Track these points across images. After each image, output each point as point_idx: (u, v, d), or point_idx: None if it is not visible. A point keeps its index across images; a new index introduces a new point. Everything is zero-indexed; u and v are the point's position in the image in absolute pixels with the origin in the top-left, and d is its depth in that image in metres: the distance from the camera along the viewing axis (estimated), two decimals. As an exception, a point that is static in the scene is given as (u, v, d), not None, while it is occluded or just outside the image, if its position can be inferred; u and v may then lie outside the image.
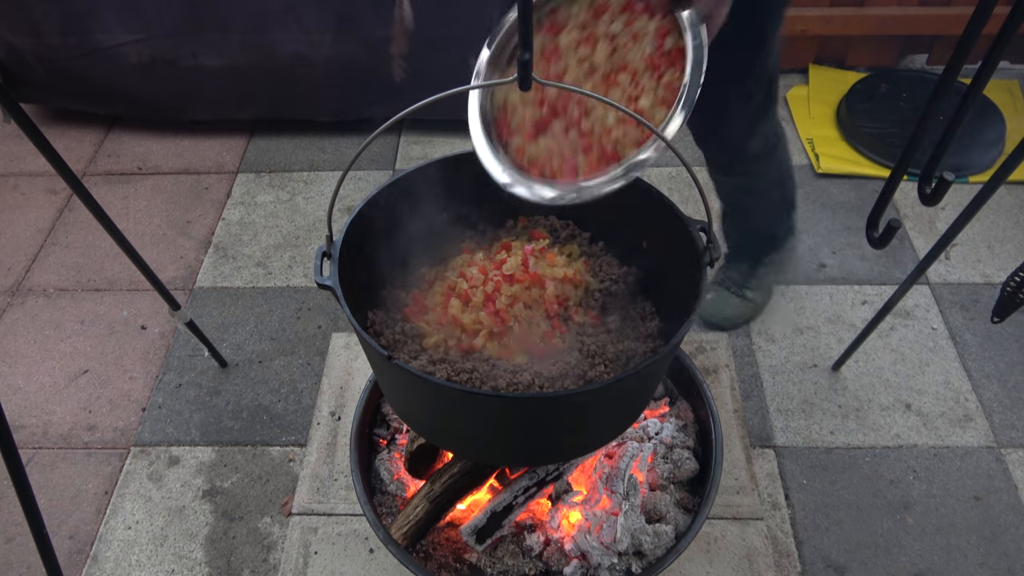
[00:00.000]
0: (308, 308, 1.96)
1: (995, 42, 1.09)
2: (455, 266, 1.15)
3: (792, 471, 1.61)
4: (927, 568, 1.47)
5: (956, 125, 1.19)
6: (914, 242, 2.08)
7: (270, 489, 1.61)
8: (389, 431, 1.48)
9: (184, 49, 2.20)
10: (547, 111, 0.93)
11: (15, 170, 2.38)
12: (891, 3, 2.43)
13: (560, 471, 1.32)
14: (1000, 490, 1.57)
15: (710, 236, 0.96)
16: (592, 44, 0.91)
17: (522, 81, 0.75)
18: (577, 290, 1.13)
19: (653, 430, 1.43)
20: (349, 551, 1.50)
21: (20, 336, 1.92)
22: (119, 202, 2.27)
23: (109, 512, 1.58)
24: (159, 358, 1.86)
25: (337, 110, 2.39)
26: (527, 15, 0.69)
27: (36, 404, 1.78)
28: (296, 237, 2.15)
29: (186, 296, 2.01)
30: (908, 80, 2.50)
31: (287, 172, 2.36)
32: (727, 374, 1.75)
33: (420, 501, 1.28)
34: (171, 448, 1.69)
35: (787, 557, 1.48)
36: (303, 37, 2.17)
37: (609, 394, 0.92)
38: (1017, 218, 2.13)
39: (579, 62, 0.92)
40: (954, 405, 1.71)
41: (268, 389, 1.79)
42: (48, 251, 2.14)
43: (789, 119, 2.48)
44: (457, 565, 1.31)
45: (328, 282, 0.95)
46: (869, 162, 2.29)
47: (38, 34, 2.18)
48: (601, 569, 1.28)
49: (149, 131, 2.49)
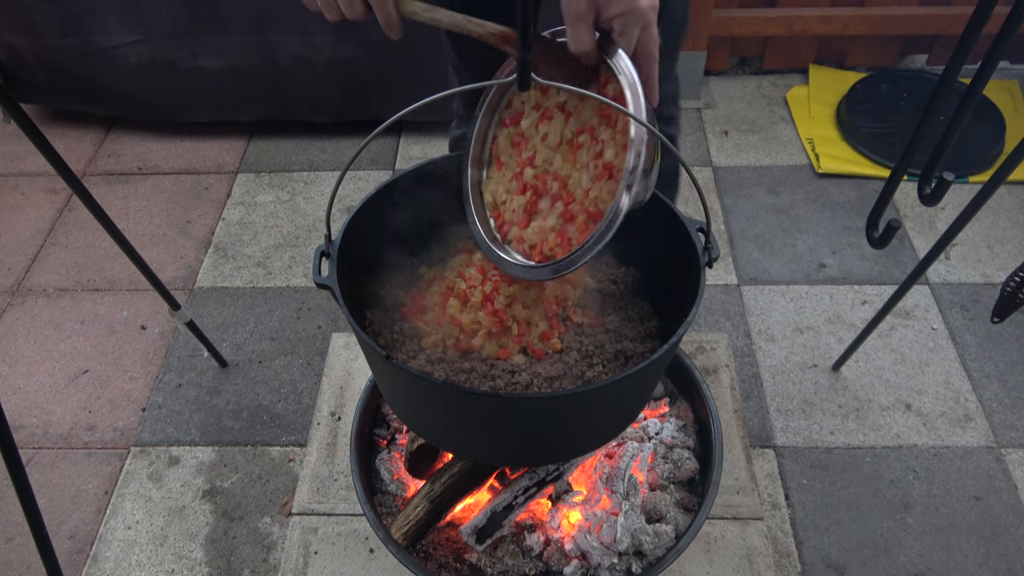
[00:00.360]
0: (308, 308, 1.97)
1: (995, 42, 1.09)
2: (453, 266, 1.15)
3: (792, 471, 1.61)
4: (927, 568, 1.47)
5: (956, 125, 1.20)
6: (914, 242, 2.08)
7: (270, 489, 1.61)
8: (389, 431, 1.48)
9: (184, 50, 2.21)
10: (530, 193, 0.97)
11: (15, 170, 2.38)
12: (891, 3, 2.43)
13: (560, 471, 1.32)
14: (1000, 490, 1.57)
15: (709, 236, 0.97)
16: (548, 118, 0.95)
17: (521, 81, 0.75)
18: (576, 290, 1.13)
19: (653, 430, 1.43)
20: (349, 551, 1.50)
21: (20, 336, 1.92)
22: (119, 202, 2.27)
23: (109, 512, 1.58)
24: (159, 358, 1.86)
25: (337, 111, 2.39)
26: (527, 15, 0.69)
27: (36, 404, 1.78)
28: (296, 237, 2.15)
29: (186, 296, 2.01)
30: (908, 80, 2.50)
31: (287, 172, 2.36)
32: (727, 374, 1.75)
33: (420, 501, 1.28)
34: (171, 448, 1.69)
35: (787, 557, 1.48)
36: (303, 39, 2.17)
37: (608, 394, 0.92)
38: (1017, 218, 2.13)
39: (542, 139, 0.95)
40: (954, 405, 1.71)
41: (268, 389, 1.79)
42: (48, 251, 2.14)
43: (789, 119, 2.48)
44: (457, 565, 1.31)
45: (327, 282, 0.94)
46: (869, 162, 2.29)
47: (38, 35, 2.18)
48: (601, 569, 1.28)
49: (149, 131, 2.49)
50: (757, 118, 2.50)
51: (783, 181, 2.27)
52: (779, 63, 2.64)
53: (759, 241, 2.10)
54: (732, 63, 2.69)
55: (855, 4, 2.44)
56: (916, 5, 2.43)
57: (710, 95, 2.59)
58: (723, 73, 2.67)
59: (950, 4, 2.43)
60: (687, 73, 2.52)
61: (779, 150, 2.38)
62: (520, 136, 0.98)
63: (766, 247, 2.08)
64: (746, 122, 2.49)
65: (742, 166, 2.33)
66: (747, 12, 2.47)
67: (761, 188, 2.25)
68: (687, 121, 2.50)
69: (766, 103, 2.56)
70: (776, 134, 2.43)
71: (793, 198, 2.22)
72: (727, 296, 1.96)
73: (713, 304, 1.94)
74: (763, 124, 2.47)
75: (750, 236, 2.11)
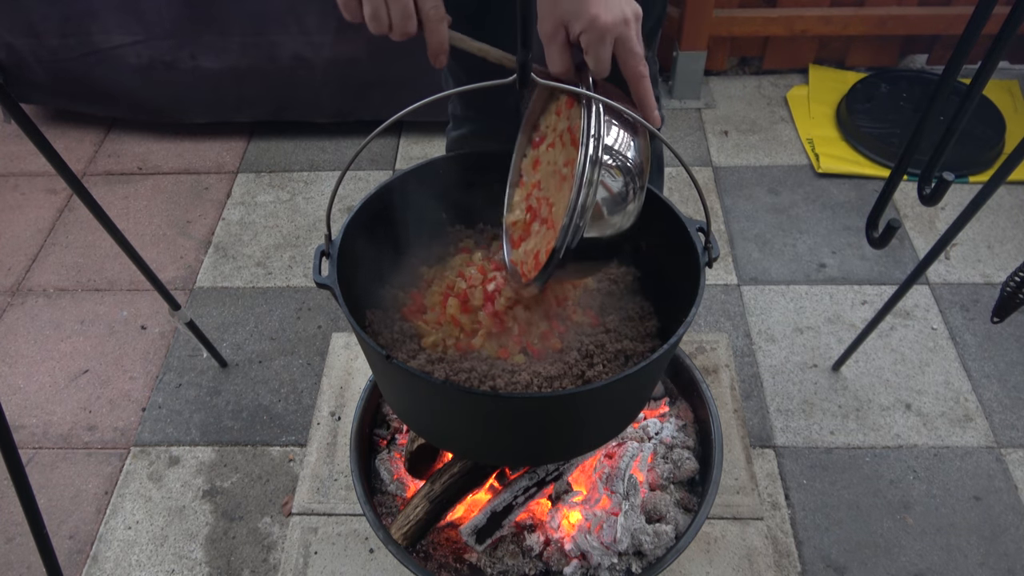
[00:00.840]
0: (308, 308, 1.97)
1: (995, 42, 1.09)
2: (453, 265, 1.15)
3: (792, 471, 1.61)
4: (927, 568, 1.47)
5: (956, 125, 1.19)
6: (914, 242, 2.08)
7: (270, 489, 1.61)
8: (389, 431, 1.48)
9: (183, 51, 2.20)
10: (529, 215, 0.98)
11: (15, 170, 2.38)
12: (891, 3, 2.43)
13: (560, 471, 1.32)
14: (1000, 490, 1.57)
15: (709, 236, 0.97)
16: (553, 145, 0.95)
17: (521, 81, 0.75)
18: (576, 290, 1.13)
19: (653, 430, 1.43)
20: (349, 551, 1.50)
21: (20, 336, 1.92)
22: (119, 202, 2.27)
23: (109, 512, 1.58)
24: (159, 358, 1.86)
25: (337, 111, 2.39)
26: (527, 15, 0.69)
27: (36, 404, 1.78)
28: (296, 237, 2.15)
29: (186, 296, 2.01)
30: (908, 80, 2.50)
31: (287, 172, 2.36)
32: (727, 374, 1.75)
33: (420, 501, 1.28)
34: (171, 448, 1.69)
35: (787, 557, 1.48)
36: (303, 39, 2.17)
37: (608, 394, 0.92)
38: (1017, 218, 2.13)
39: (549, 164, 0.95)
40: (954, 405, 1.71)
41: (268, 389, 1.79)
42: (48, 251, 2.14)
43: (789, 119, 2.48)
44: (457, 565, 1.31)
45: (327, 281, 0.94)
46: (869, 162, 2.29)
47: (37, 35, 2.18)
48: (601, 569, 1.28)
49: (149, 131, 2.49)
50: (757, 118, 2.50)
51: (783, 181, 2.27)
52: (779, 63, 2.64)
53: (759, 241, 2.10)
54: (732, 63, 2.69)
55: (855, 4, 2.44)
56: (916, 5, 2.43)
57: (710, 95, 2.59)
58: (723, 73, 2.67)
59: (950, 4, 2.43)
60: (687, 73, 2.52)
61: (779, 150, 2.38)
62: (536, 159, 0.98)
63: (766, 247, 2.08)
64: (746, 122, 2.49)
65: (742, 166, 2.33)
66: (747, 12, 2.47)
67: (761, 188, 2.25)
68: (687, 121, 2.50)
69: (766, 103, 2.56)
70: (776, 134, 2.44)
71: (793, 198, 2.22)
72: (727, 296, 1.96)
73: (713, 304, 1.94)
74: (763, 124, 2.48)
75: (750, 236, 2.11)
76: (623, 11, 0.78)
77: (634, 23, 0.80)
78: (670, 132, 2.46)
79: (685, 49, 2.47)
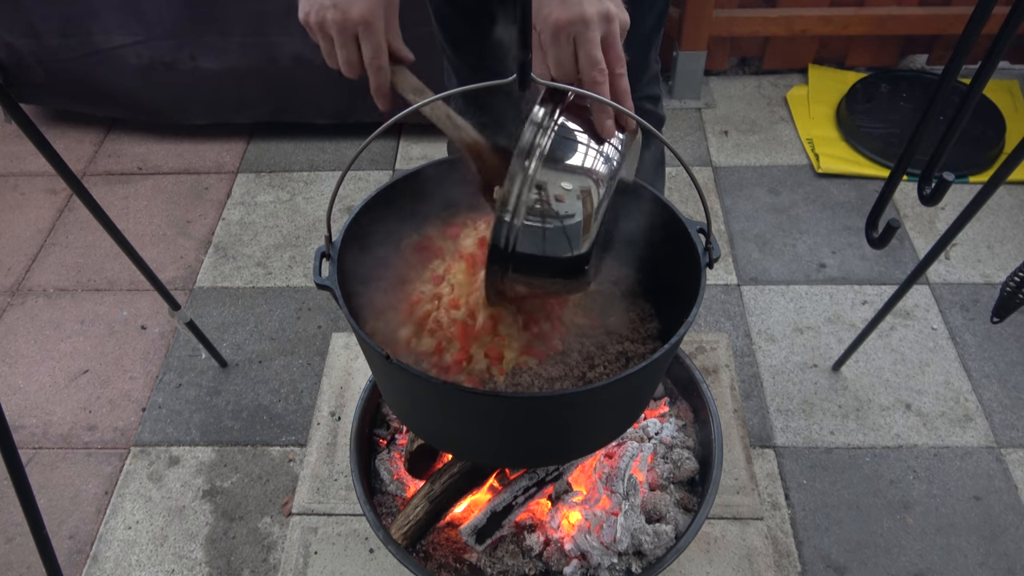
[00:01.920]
0: (308, 308, 1.97)
1: (995, 42, 1.09)
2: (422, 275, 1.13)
3: (792, 471, 1.61)
4: (927, 568, 1.47)
5: (956, 125, 1.19)
6: (914, 242, 2.08)
7: (270, 489, 1.61)
8: (389, 431, 1.48)
9: (183, 51, 2.20)
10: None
11: (15, 170, 2.38)
12: (891, 3, 2.43)
13: (560, 471, 1.32)
14: (1000, 490, 1.57)
15: (709, 237, 0.97)
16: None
17: (521, 81, 0.75)
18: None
19: (653, 430, 1.43)
20: (349, 551, 1.50)
21: (20, 336, 1.92)
22: (119, 202, 2.27)
23: (109, 512, 1.58)
24: (159, 358, 1.86)
25: (337, 112, 2.38)
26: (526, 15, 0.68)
27: (36, 404, 1.78)
28: (296, 237, 2.15)
29: (186, 296, 2.01)
30: (908, 80, 2.50)
31: (287, 172, 2.36)
32: (727, 374, 1.75)
33: (420, 501, 1.28)
34: (171, 448, 1.69)
35: (787, 557, 1.48)
36: (303, 39, 2.15)
37: (608, 395, 0.92)
38: (1017, 218, 2.13)
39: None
40: (954, 405, 1.71)
41: (268, 389, 1.79)
42: (48, 251, 2.14)
43: (789, 119, 2.48)
44: (457, 565, 1.31)
45: (327, 282, 0.94)
46: (869, 162, 2.29)
47: (37, 35, 2.18)
48: (601, 569, 1.28)
49: (149, 131, 2.49)
50: (757, 118, 2.50)
51: (783, 181, 2.27)
52: (779, 63, 2.64)
53: (759, 241, 2.10)
54: (732, 63, 2.69)
55: (855, 4, 2.44)
56: (916, 5, 2.43)
57: (710, 95, 2.59)
58: (723, 73, 2.67)
59: (950, 4, 2.43)
60: (687, 73, 2.52)
61: (779, 150, 2.38)
62: None
63: (766, 247, 2.08)
64: (746, 122, 2.49)
65: (742, 166, 2.33)
66: (747, 12, 2.46)
67: (761, 188, 2.25)
68: (687, 121, 2.50)
69: (766, 103, 2.56)
70: (776, 134, 2.44)
71: (793, 198, 2.22)
72: (727, 296, 1.96)
73: (713, 304, 1.94)
74: (763, 124, 2.48)
75: (750, 236, 2.11)
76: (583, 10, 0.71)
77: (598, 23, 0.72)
78: (670, 132, 2.46)
79: (685, 49, 2.47)
